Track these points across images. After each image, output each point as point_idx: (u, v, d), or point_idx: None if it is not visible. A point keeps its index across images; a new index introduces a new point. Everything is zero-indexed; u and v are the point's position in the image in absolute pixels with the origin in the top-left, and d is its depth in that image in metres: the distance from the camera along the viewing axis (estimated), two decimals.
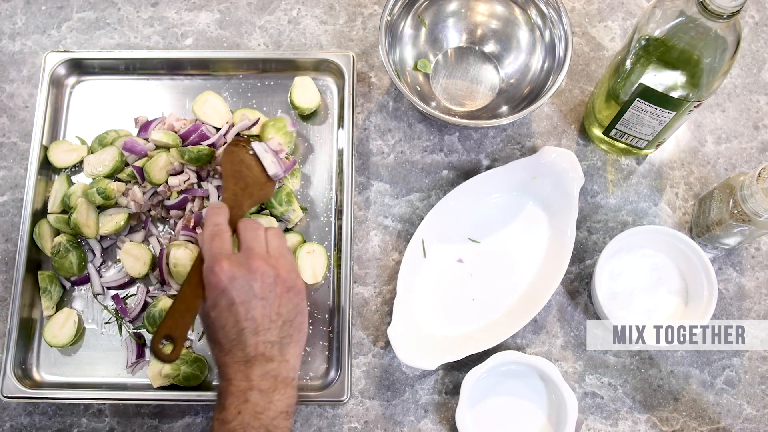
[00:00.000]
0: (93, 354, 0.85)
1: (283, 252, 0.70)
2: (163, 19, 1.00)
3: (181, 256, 0.82)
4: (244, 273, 0.66)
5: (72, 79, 0.95)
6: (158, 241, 0.87)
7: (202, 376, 0.83)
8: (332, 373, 0.83)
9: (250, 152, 0.85)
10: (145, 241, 0.87)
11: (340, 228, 0.87)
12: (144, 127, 0.91)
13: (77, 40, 0.99)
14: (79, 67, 0.94)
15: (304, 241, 0.87)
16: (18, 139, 0.94)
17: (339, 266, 0.85)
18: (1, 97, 0.96)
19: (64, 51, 0.94)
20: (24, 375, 0.82)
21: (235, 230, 0.72)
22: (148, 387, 0.82)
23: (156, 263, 0.85)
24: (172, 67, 0.95)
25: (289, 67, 0.94)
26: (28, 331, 0.84)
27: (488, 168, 0.92)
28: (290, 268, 0.70)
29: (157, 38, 0.99)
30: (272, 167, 0.85)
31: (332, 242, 0.88)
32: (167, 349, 0.66)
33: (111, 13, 1.00)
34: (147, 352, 0.84)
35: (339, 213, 0.88)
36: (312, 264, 0.85)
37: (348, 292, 0.84)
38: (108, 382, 0.84)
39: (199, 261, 0.69)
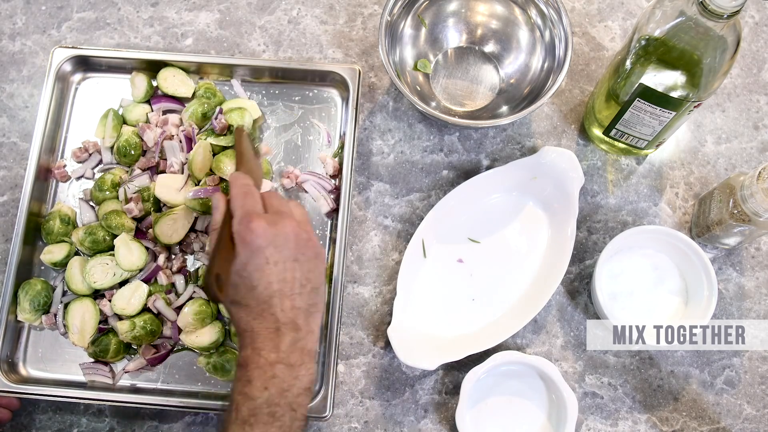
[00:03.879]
0: (80, 351, 0.84)
1: (308, 220, 0.69)
2: (163, 19, 1.00)
3: None
4: (279, 232, 0.63)
5: (78, 76, 0.95)
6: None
7: (232, 372, 0.82)
8: (316, 388, 0.82)
9: (255, 144, 0.88)
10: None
11: (334, 240, 0.86)
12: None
13: (77, 40, 0.99)
14: (86, 64, 0.94)
15: None
16: (18, 139, 0.94)
17: (331, 280, 0.85)
18: (1, 97, 0.96)
19: (72, 47, 0.94)
20: (10, 369, 0.83)
21: None
22: (139, 390, 0.83)
23: None
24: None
25: (294, 76, 0.94)
26: (16, 326, 0.85)
27: (488, 168, 0.92)
28: (316, 235, 0.68)
29: (157, 38, 0.99)
30: (325, 206, 0.89)
31: (326, 253, 0.88)
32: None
33: (111, 13, 1.00)
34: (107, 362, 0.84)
35: (333, 226, 0.88)
36: None
37: (338, 306, 0.83)
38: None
39: (229, 218, 0.66)
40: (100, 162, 0.91)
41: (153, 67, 0.94)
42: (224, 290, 0.63)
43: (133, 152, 0.89)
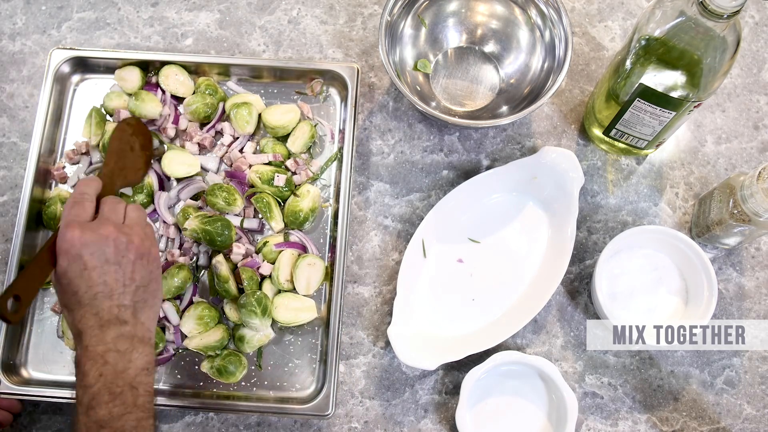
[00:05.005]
0: None
1: (140, 222, 0.72)
2: (163, 19, 1.00)
3: None
4: (96, 239, 0.67)
5: (76, 77, 0.95)
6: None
7: (236, 373, 0.82)
8: (318, 387, 0.82)
9: (136, 134, 0.88)
10: None
11: (334, 239, 0.86)
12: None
13: (77, 40, 0.99)
14: (84, 65, 0.94)
15: (306, 252, 0.87)
16: (18, 139, 0.94)
17: (331, 279, 0.85)
18: (1, 97, 0.96)
19: (70, 48, 0.94)
20: (11, 371, 0.83)
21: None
22: None
23: None
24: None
25: (293, 76, 0.94)
26: (17, 328, 0.84)
27: (488, 168, 0.92)
28: (144, 236, 0.71)
29: (157, 38, 0.99)
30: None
31: (326, 253, 0.88)
32: (13, 308, 0.65)
33: (111, 13, 1.00)
34: None
35: (335, 224, 0.88)
36: (308, 276, 0.85)
37: (338, 306, 0.83)
38: None
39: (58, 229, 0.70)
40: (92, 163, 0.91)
41: (151, 68, 0.94)
42: (21, 311, 0.66)
43: None
